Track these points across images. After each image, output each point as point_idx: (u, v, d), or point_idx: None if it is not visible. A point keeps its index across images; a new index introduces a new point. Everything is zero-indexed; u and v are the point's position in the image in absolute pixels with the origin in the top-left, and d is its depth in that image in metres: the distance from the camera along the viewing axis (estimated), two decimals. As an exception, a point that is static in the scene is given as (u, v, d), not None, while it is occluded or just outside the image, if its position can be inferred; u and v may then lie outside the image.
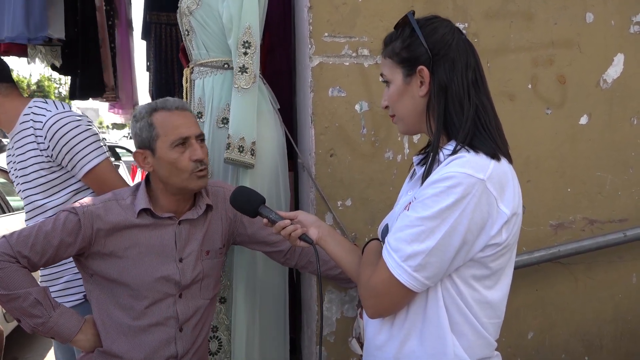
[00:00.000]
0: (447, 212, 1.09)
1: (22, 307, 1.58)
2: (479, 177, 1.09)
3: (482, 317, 1.18)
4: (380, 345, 1.25)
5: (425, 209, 1.11)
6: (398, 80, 1.25)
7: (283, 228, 1.44)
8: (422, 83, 1.21)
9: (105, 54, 4.36)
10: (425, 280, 1.13)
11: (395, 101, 1.27)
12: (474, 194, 1.08)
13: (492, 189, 1.10)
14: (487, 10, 2.06)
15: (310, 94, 1.97)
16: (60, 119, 1.94)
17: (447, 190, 1.09)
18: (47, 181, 1.98)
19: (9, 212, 4.63)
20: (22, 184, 2.02)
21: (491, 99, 1.24)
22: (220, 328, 2.15)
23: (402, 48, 1.23)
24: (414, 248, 1.11)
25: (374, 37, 1.98)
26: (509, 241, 1.15)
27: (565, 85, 2.11)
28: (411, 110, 1.25)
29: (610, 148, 2.15)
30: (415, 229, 1.12)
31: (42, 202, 1.99)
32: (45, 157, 1.95)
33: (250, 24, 1.99)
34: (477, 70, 1.22)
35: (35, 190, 1.99)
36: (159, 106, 1.69)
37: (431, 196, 1.11)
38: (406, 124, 1.28)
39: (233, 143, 1.98)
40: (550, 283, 2.15)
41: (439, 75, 1.19)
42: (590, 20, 2.11)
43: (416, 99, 1.23)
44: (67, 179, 2.00)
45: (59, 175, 1.99)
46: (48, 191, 1.99)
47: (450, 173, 1.10)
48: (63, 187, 1.99)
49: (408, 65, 1.23)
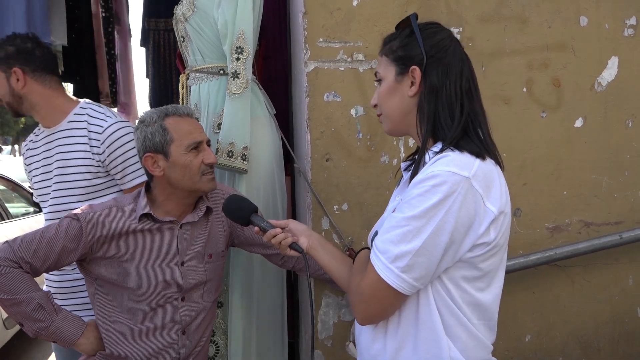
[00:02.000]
0: (433, 210, 1.09)
1: (24, 312, 1.60)
2: (464, 175, 1.09)
3: (473, 318, 1.17)
4: (375, 355, 1.23)
5: (411, 208, 1.11)
6: (389, 78, 1.26)
7: (273, 237, 1.45)
8: (413, 83, 1.22)
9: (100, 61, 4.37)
10: (414, 282, 1.12)
11: (384, 98, 1.28)
12: (459, 192, 1.08)
13: (477, 187, 1.10)
14: (481, 15, 2.07)
15: (305, 98, 1.98)
16: (121, 128, 1.96)
17: (432, 189, 1.09)
18: (89, 185, 1.98)
19: (8, 219, 4.63)
20: (55, 184, 2.00)
21: (483, 108, 1.24)
22: (218, 332, 2.15)
23: (399, 47, 1.25)
24: (401, 248, 1.11)
25: (368, 42, 1.99)
26: (497, 241, 1.15)
27: (560, 89, 2.12)
28: (398, 109, 1.26)
29: (606, 151, 2.16)
30: (401, 229, 1.11)
31: (75, 205, 1.96)
32: (96, 161, 1.96)
33: (244, 29, 2.00)
34: (471, 80, 1.23)
35: (71, 192, 1.98)
36: (170, 112, 1.72)
37: (416, 196, 1.11)
38: (391, 123, 1.29)
39: (222, 148, 1.99)
40: (547, 286, 2.15)
41: (431, 77, 1.20)
42: (584, 24, 2.12)
43: (405, 99, 1.24)
44: (108, 186, 2.01)
45: (102, 181, 2.00)
46: (86, 195, 1.98)
47: (435, 172, 1.10)
48: (102, 194, 2.00)
49: (402, 64, 1.24)
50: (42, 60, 1.99)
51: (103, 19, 4.46)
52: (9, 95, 1.98)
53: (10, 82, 1.96)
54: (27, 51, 1.97)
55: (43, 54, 2.00)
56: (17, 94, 1.98)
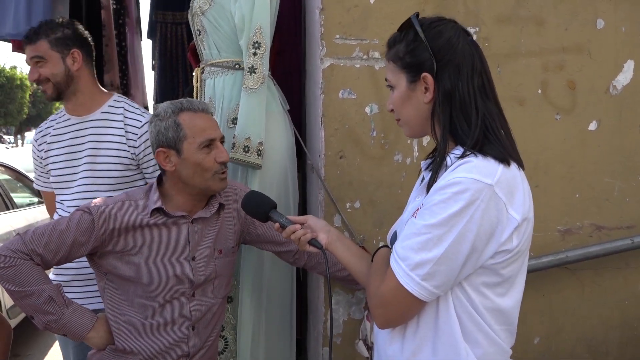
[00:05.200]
0: (455, 219, 1.07)
1: (35, 304, 1.60)
2: (487, 182, 1.08)
3: (493, 324, 1.16)
4: (391, 356, 1.22)
5: (433, 216, 1.09)
6: (402, 86, 1.23)
7: (293, 232, 1.44)
8: (427, 90, 1.19)
9: (111, 54, 4.36)
10: (434, 289, 1.11)
11: (399, 106, 1.25)
12: (482, 199, 1.07)
13: (500, 194, 1.08)
14: (498, 15, 2.06)
15: (320, 95, 1.98)
16: None
17: (454, 197, 1.07)
18: (120, 176, 2.05)
19: (13, 209, 4.63)
20: (83, 171, 2.05)
21: (499, 104, 1.22)
22: (227, 327, 2.15)
23: (406, 53, 1.21)
24: (421, 256, 1.09)
25: (384, 40, 1.95)
26: (520, 247, 1.14)
27: (575, 91, 2.11)
28: (416, 115, 1.23)
29: (619, 154, 2.15)
30: (422, 237, 1.10)
31: (103, 194, 2.00)
32: (130, 154, 2.04)
33: (261, 24, 1.99)
34: (483, 74, 1.19)
35: (102, 180, 2.05)
36: (184, 106, 1.70)
37: (438, 202, 1.09)
38: (411, 128, 1.27)
39: (238, 143, 1.99)
40: (557, 288, 2.15)
41: (443, 81, 1.17)
42: (601, 27, 2.11)
43: (420, 105, 1.21)
44: (136, 179, 2.09)
45: (132, 174, 2.08)
46: (115, 185, 2.05)
47: (457, 179, 1.08)
48: (130, 185, 2.07)
49: (412, 71, 1.20)
50: (91, 50, 2.12)
51: (114, 10, 4.45)
52: (62, 75, 2.04)
53: (66, 62, 2.03)
54: (83, 36, 2.09)
55: (91, 45, 2.12)
56: (71, 75, 2.05)
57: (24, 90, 30.23)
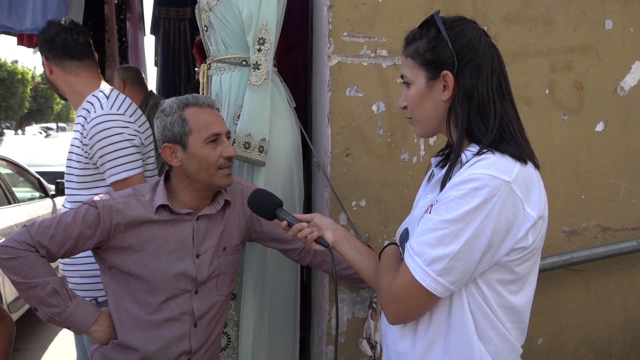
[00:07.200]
0: (472, 214, 1.07)
1: (39, 296, 1.61)
2: (505, 179, 1.08)
3: (506, 321, 1.16)
4: (402, 353, 1.22)
5: (449, 211, 1.09)
6: (420, 83, 1.22)
7: (299, 231, 1.44)
8: (446, 88, 1.19)
9: (113, 48, 4.36)
10: (450, 285, 1.11)
11: (415, 104, 1.24)
12: (499, 196, 1.07)
13: (517, 191, 1.09)
14: (506, 14, 2.05)
15: (327, 93, 1.97)
16: (104, 122, 1.90)
17: (472, 193, 1.07)
18: (81, 175, 1.98)
19: (15, 203, 4.62)
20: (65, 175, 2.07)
21: (515, 106, 1.22)
22: (230, 324, 2.15)
23: (427, 50, 1.20)
24: (438, 252, 1.09)
25: (392, 38, 1.98)
26: (535, 245, 1.14)
27: (582, 92, 2.11)
28: (432, 114, 1.23)
29: (626, 156, 2.14)
30: (439, 232, 1.10)
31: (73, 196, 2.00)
32: (84, 152, 1.94)
33: (267, 20, 1.99)
34: (501, 75, 1.20)
35: (70, 178, 2.02)
36: (190, 102, 1.70)
37: (455, 198, 1.09)
38: (424, 127, 1.26)
39: (239, 139, 1.98)
40: (561, 289, 2.14)
41: (463, 80, 1.17)
42: (609, 27, 2.10)
43: (438, 103, 1.21)
44: (96, 179, 1.97)
45: (91, 173, 1.96)
46: (80, 184, 1.99)
47: (475, 175, 1.08)
48: (92, 186, 1.98)
49: (432, 69, 1.20)
50: (63, 47, 2.01)
51: (115, 6, 4.45)
52: (48, 81, 2.08)
53: (45, 69, 2.05)
54: (50, 39, 2.01)
55: (63, 40, 2.01)
56: (49, 79, 2.07)
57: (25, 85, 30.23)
